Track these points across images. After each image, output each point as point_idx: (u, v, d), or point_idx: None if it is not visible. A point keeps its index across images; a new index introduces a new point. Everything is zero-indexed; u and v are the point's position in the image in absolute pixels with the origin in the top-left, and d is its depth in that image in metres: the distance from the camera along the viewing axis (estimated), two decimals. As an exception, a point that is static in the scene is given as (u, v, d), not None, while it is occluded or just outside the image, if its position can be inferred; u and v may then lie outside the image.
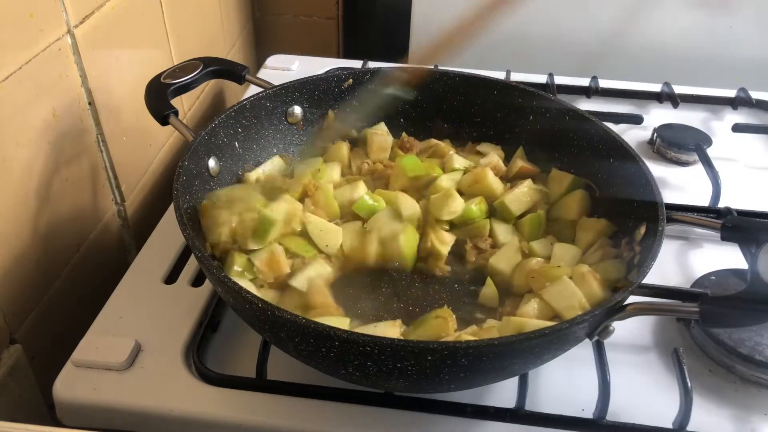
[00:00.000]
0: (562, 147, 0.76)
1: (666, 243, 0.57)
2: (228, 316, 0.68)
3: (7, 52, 0.60)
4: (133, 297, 0.69)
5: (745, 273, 0.68)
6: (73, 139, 0.72)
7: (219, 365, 0.62)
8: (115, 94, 0.78)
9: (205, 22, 1.06)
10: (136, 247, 0.86)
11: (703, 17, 1.13)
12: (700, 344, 0.66)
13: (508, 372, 0.57)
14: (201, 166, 0.69)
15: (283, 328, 0.52)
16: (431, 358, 0.49)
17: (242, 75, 0.78)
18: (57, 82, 0.68)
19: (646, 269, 0.54)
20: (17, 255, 0.64)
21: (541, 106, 0.78)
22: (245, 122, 0.75)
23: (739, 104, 1.01)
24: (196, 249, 0.56)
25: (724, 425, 0.59)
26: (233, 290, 0.52)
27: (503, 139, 0.82)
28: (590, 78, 1.04)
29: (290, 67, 1.10)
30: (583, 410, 0.59)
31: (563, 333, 0.50)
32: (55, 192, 0.70)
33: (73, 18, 0.69)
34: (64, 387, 0.59)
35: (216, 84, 1.11)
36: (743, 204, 0.79)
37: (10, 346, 0.64)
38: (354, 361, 0.51)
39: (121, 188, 0.82)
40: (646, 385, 0.62)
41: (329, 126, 0.81)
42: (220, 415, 0.58)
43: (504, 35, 1.18)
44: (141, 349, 0.63)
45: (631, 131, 0.98)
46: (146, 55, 0.86)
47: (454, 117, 0.84)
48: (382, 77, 0.80)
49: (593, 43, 1.17)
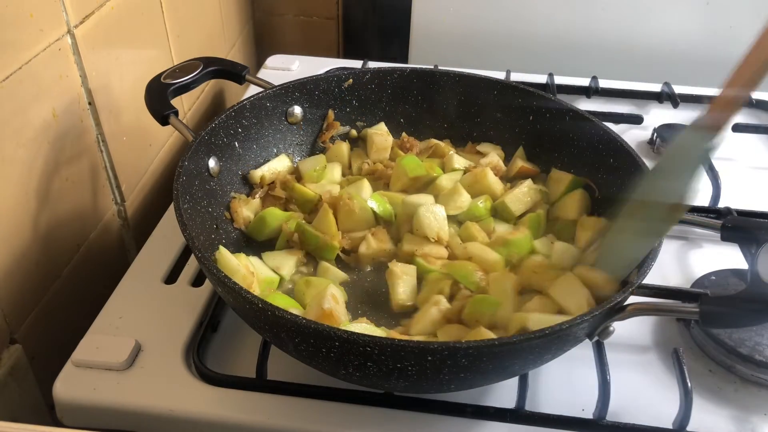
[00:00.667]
0: (562, 147, 0.76)
1: (666, 243, 0.57)
2: (228, 316, 0.68)
3: (7, 52, 0.60)
4: (133, 297, 0.69)
5: (745, 273, 0.68)
6: (73, 139, 0.72)
7: (219, 365, 0.62)
8: (115, 94, 0.78)
9: (205, 22, 1.06)
10: (136, 247, 0.86)
11: (703, 17, 1.13)
12: (700, 344, 0.66)
13: (508, 372, 0.57)
14: (201, 166, 0.69)
15: (283, 328, 0.52)
16: (431, 358, 0.49)
17: (242, 75, 0.78)
18: (57, 82, 0.68)
19: (646, 269, 0.55)
20: (17, 255, 0.64)
21: (541, 106, 0.78)
22: (245, 122, 0.75)
23: (739, 104, 1.01)
24: (196, 249, 0.56)
25: (724, 425, 0.59)
26: (233, 290, 0.52)
27: (503, 139, 0.82)
28: (590, 78, 1.04)
29: (290, 67, 1.10)
30: (583, 410, 0.59)
31: (563, 333, 0.50)
32: (55, 192, 0.70)
33: (73, 18, 0.69)
34: (64, 387, 0.59)
35: (216, 84, 1.11)
36: (743, 204, 0.79)
37: (10, 346, 0.64)
38: (354, 361, 0.51)
39: (121, 188, 0.82)
40: (646, 385, 0.62)
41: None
42: (220, 415, 0.58)
43: (504, 35, 1.18)
44: (141, 349, 0.63)
45: (631, 131, 0.98)
46: (146, 55, 0.86)
47: (454, 117, 0.84)
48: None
49: (593, 43, 1.17)
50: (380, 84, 0.83)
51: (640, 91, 1.04)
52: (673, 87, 1.02)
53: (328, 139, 0.82)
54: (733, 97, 0.53)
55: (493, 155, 0.79)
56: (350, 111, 0.83)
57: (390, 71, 0.83)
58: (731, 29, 1.13)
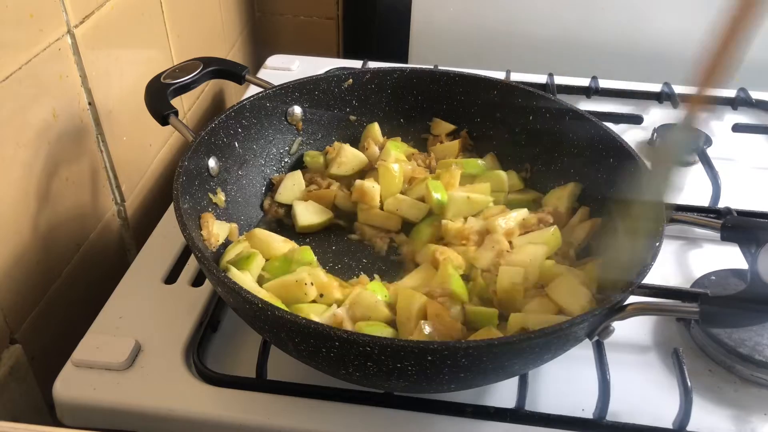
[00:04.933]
0: (562, 147, 0.76)
1: (666, 243, 0.57)
2: (228, 316, 0.68)
3: (7, 52, 0.60)
4: (133, 297, 0.69)
5: (745, 273, 0.68)
6: (73, 139, 0.72)
7: (219, 365, 0.62)
8: (115, 94, 0.78)
9: (205, 22, 1.05)
10: (136, 247, 0.86)
11: (703, 17, 1.13)
12: (700, 344, 0.66)
13: (508, 372, 0.57)
14: (201, 166, 0.69)
15: (283, 328, 0.52)
16: (431, 358, 0.49)
17: (242, 75, 0.78)
18: (57, 82, 0.68)
19: (646, 269, 0.55)
20: (17, 255, 0.64)
21: (541, 106, 0.78)
22: (245, 122, 0.75)
23: (739, 104, 1.01)
24: (196, 249, 0.56)
25: (724, 425, 0.59)
26: (233, 290, 0.52)
27: (503, 139, 0.82)
28: (590, 78, 1.04)
29: (290, 67, 1.10)
30: (583, 410, 0.59)
31: (563, 333, 0.50)
32: (55, 192, 0.69)
33: (73, 18, 0.69)
34: (64, 387, 0.59)
35: (216, 84, 1.11)
36: (743, 204, 0.79)
37: (10, 346, 0.64)
38: (354, 361, 0.51)
39: (121, 188, 0.82)
40: (646, 385, 0.62)
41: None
42: (220, 415, 0.58)
43: (504, 35, 1.18)
44: (141, 349, 0.63)
45: (631, 131, 0.97)
46: (146, 55, 0.86)
47: (454, 117, 0.84)
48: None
49: (593, 43, 1.17)
50: (380, 84, 0.83)
51: (640, 91, 1.04)
52: (673, 87, 1.02)
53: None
54: (702, 95, 0.54)
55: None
56: (350, 111, 0.83)
57: (390, 71, 0.83)
58: (731, 29, 1.13)
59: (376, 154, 0.80)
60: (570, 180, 0.75)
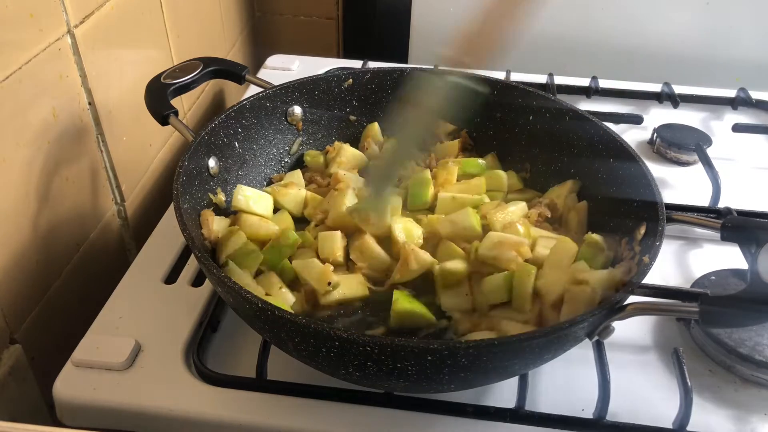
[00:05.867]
0: (562, 147, 0.76)
1: (666, 243, 0.57)
2: (228, 316, 0.68)
3: (7, 52, 0.60)
4: (133, 297, 0.69)
5: (745, 273, 0.68)
6: (73, 139, 0.72)
7: (219, 365, 0.62)
8: (115, 94, 0.78)
9: (205, 22, 1.06)
10: (136, 247, 0.86)
11: (703, 17, 1.13)
12: (700, 344, 0.66)
13: (508, 372, 0.57)
14: (201, 166, 0.69)
15: (283, 328, 0.52)
16: (431, 358, 0.49)
17: (242, 75, 0.78)
18: (57, 82, 0.68)
19: (646, 269, 0.55)
20: (17, 255, 0.64)
21: (541, 106, 0.78)
22: (245, 122, 0.75)
23: (739, 104, 1.01)
24: (196, 249, 0.56)
25: (724, 425, 0.59)
26: (233, 290, 0.52)
27: (503, 139, 0.82)
28: (590, 78, 1.04)
29: (290, 67, 1.10)
30: (583, 410, 0.59)
31: (563, 333, 0.50)
32: (55, 192, 0.70)
33: (73, 18, 0.69)
34: (64, 387, 0.59)
35: (216, 84, 1.11)
36: (743, 204, 0.79)
37: (10, 346, 0.64)
38: (354, 361, 0.51)
39: (121, 188, 0.82)
40: (646, 385, 0.62)
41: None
42: (220, 415, 0.58)
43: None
44: (141, 349, 0.63)
45: (631, 131, 0.98)
46: (146, 55, 0.86)
47: (453, 117, 0.84)
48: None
49: (593, 43, 1.17)
50: (380, 84, 0.83)
51: (640, 91, 1.04)
52: (673, 87, 1.02)
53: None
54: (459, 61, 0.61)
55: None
56: (350, 111, 0.83)
57: (390, 71, 0.83)
58: (731, 29, 1.13)
59: (376, 154, 0.80)
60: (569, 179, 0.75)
